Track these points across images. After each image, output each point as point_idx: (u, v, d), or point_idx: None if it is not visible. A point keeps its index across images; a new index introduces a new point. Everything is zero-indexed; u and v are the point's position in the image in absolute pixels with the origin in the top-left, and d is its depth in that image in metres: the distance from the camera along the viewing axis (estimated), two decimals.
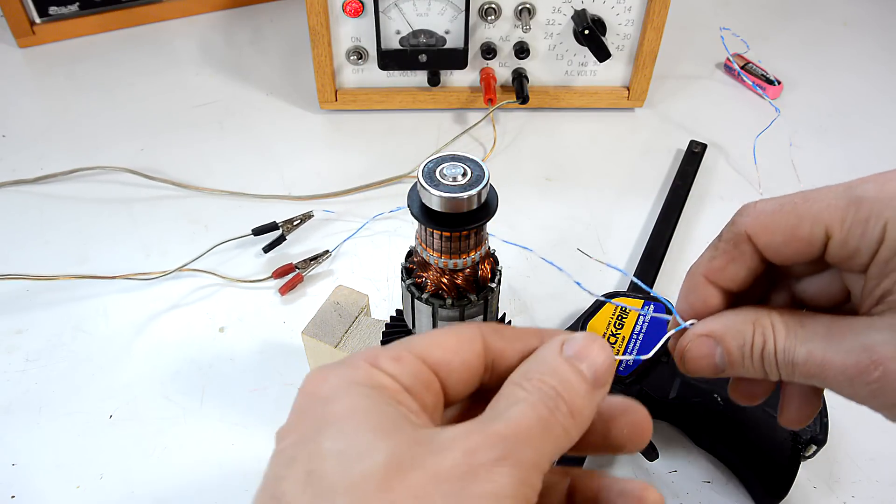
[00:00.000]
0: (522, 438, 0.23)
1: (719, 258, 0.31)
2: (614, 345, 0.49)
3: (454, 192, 0.29)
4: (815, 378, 0.27)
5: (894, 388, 0.25)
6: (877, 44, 0.88)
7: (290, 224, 0.61)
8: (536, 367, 0.26)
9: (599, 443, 0.28)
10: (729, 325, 0.29)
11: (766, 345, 0.28)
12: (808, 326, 0.28)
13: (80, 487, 0.46)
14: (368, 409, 0.23)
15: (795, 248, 0.28)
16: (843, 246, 0.27)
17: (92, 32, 0.86)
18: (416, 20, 0.68)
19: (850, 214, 0.26)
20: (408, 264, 0.35)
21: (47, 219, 0.64)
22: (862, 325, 0.26)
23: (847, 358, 0.26)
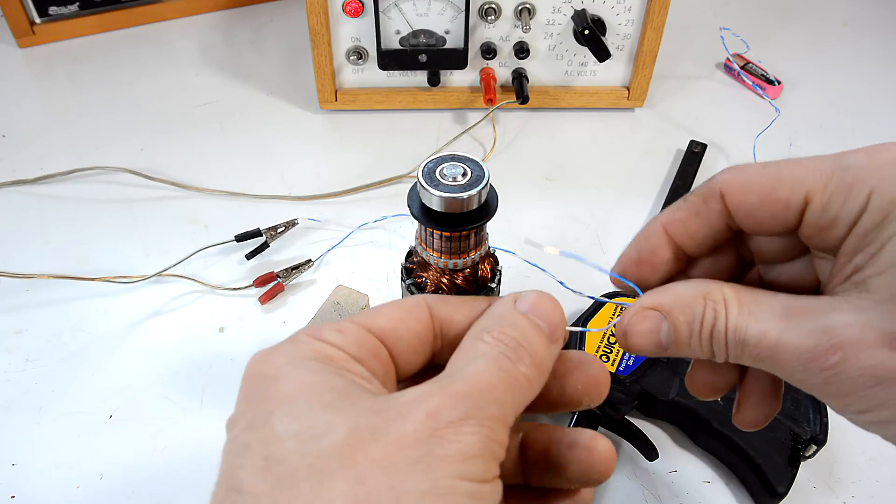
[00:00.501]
0: (486, 394, 0.23)
1: (683, 210, 0.29)
2: (614, 345, 0.49)
3: (454, 192, 0.29)
4: (766, 361, 0.25)
5: (851, 375, 0.23)
6: (877, 44, 0.88)
7: (274, 231, 0.60)
8: (495, 321, 0.25)
9: (556, 399, 0.28)
10: (678, 299, 0.27)
11: (716, 322, 0.26)
12: (765, 304, 0.25)
13: (80, 487, 0.46)
14: (318, 384, 0.23)
15: (771, 212, 0.26)
16: (822, 213, 0.25)
17: (92, 32, 0.86)
18: (416, 20, 0.68)
19: (835, 179, 0.25)
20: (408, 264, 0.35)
21: (47, 219, 0.64)
22: (824, 305, 0.24)
23: (804, 341, 0.24)
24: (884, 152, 0.24)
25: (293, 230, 0.62)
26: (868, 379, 0.23)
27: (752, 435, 0.45)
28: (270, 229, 0.60)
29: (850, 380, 0.23)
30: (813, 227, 0.26)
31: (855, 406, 0.24)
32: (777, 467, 0.44)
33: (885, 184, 0.23)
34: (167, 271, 0.58)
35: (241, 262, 0.60)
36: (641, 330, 0.28)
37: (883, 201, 0.23)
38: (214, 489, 0.22)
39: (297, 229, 0.62)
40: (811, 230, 0.26)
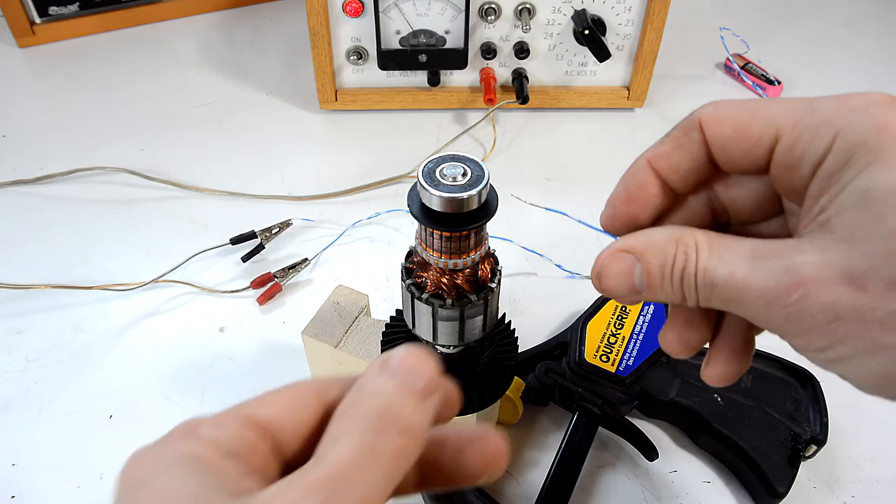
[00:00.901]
0: (346, 477, 0.22)
1: (667, 143, 0.29)
2: (614, 345, 0.49)
3: (454, 192, 0.29)
4: (733, 302, 0.25)
5: (812, 312, 0.23)
6: (877, 44, 0.88)
7: (269, 232, 0.60)
8: (357, 394, 0.24)
9: (452, 474, 0.27)
10: (651, 242, 0.27)
11: (687, 264, 0.26)
12: (733, 248, 0.26)
13: (80, 487, 0.46)
14: (177, 490, 0.22)
15: (743, 147, 0.27)
16: (790, 152, 0.25)
17: (92, 32, 0.86)
18: (416, 20, 0.68)
19: (805, 119, 0.25)
20: (408, 264, 0.35)
21: (47, 219, 0.64)
22: (788, 246, 0.24)
23: (768, 280, 0.24)
24: (855, 99, 0.25)
25: (288, 230, 0.62)
26: (827, 315, 0.23)
27: (752, 435, 0.45)
28: (265, 231, 0.60)
29: (811, 316, 0.23)
30: (781, 167, 0.26)
31: (815, 343, 0.24)
32: (777, 467, 0.44)
33: (851, 126, 0.24)
34: (163, 277, 0.58)
35: (237, 264, 0.60)
36: (615, 271, 0.28)
37: (847, 143, 0.24)
38: None
39: (292, 229, 0.62)
40: (779, 169, 0.26)
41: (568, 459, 0.45)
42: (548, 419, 0.50)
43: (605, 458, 0.48)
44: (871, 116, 0.24)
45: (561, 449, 0.45)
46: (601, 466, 0.48)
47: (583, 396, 0.47)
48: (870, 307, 0.22)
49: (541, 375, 0.48)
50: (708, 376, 0.31)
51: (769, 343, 0.48)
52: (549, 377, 0.48)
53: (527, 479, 0.47)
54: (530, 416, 0.50)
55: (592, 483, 0.47)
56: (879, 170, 0.23)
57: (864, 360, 0.23)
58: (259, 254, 0.60)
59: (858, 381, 0.25)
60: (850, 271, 0.23)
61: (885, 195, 0.22)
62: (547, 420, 0.50)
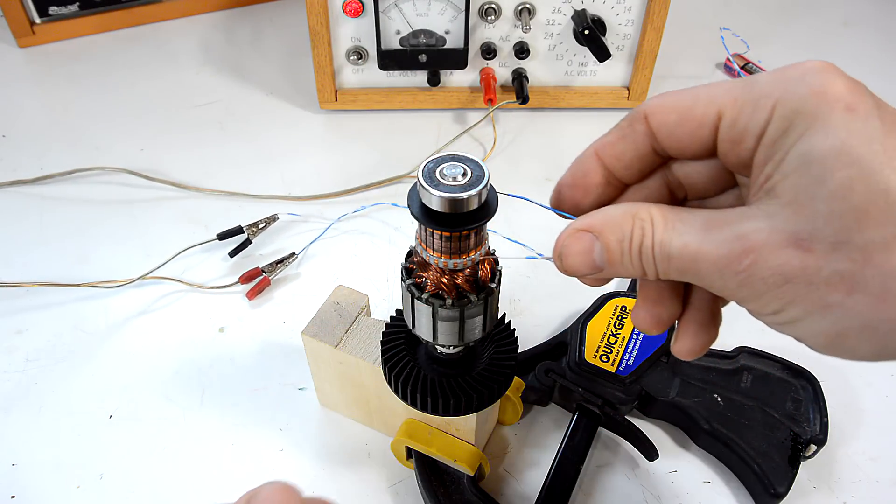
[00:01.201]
0: None
1: (613, 134, 0.30)
2: (614, 345, 0.49)
3: (454, 192, 0.29)
4: (689, 273, 0.26)
5: (762, 276, 0.24)
6: (877, 44, 0.88)
7: (255, 227, 0.61)
8: None
9: None
10: (608, 219, 0.28)
11: (644, 238, 0.27)
12: (687, 220, 0.27)
13: (80, 487, 0.46)
14: None
15: (688, 130, 0.28)
16: (733, 126, 0.26)
17: (92, 32, 0.86)
18: (416, 20, 0.68)
19: (744, 94, 0.26)
20: (408, 264, 0.35)
21: (47, 219, 0.64)
22: (738, 215, 0.25)
23: (720, 248, 0.25)
24: (790, 69, 0.26)
25: (275, 225, 0.62)
26: (777, 278, 0.24)
27: (752, 435, 0.45)
28: (252, 226, 0.61)
29: (762, 280, 0.24)
30: (727, 142, 0.27)
31: (768, 307, 0.25)
32: (777, 467, 0.44)
33: (788, 95, 0.24)
34: (151, 273, 0.58)
35: (224, 260, 0.60)
36: (575, 251, 0.29)
37: (786, 110, 0.24)
38: None
39: (278, 224, 0.63)
40: (726, 145, 0.27)
41: (568, 459, 0.45)
42: (548, 419, 0.50)
43: (605, 458, 0.48)
44: (807, 83, 0.24)
45: (561, 449, 0.45)
46: (601, 466, 0.48)
47: (583, 396, 0.47)
48: (816, 268, 0.23)
49: (541, 375, 0.48)
50: (678, 350, 0.32)
51: (769, 343, 0.48)
52: (549, 377, 0.48)
53: (527, 479, 0.47)
54: (530, 416, 0.50)
55: (592, 483, 0.47)
56: (817, 133, 0.23)
57: (814, 320, 0.24)
58: (246, 249, 0.60)
59: (812, 341, 0.25)
60: (796, 234, 0.23)
61: (823, 157, 0.23)
62: (547, 420, 0.50)
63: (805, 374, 0.48)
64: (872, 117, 0.23)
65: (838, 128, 0.23)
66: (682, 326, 0.32)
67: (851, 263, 0.23)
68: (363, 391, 0.46)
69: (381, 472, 0.47)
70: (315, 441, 0.49)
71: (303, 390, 0.51)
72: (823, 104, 0.24)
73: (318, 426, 0.50)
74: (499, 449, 0.48)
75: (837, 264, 0.23)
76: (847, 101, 0.23)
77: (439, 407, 0.38)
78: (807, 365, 0.49)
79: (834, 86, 0.24)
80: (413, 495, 0.46)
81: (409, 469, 0.47)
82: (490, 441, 0.49)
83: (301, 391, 0.51)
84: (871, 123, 0.23)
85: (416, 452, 0.45)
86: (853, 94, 0.24)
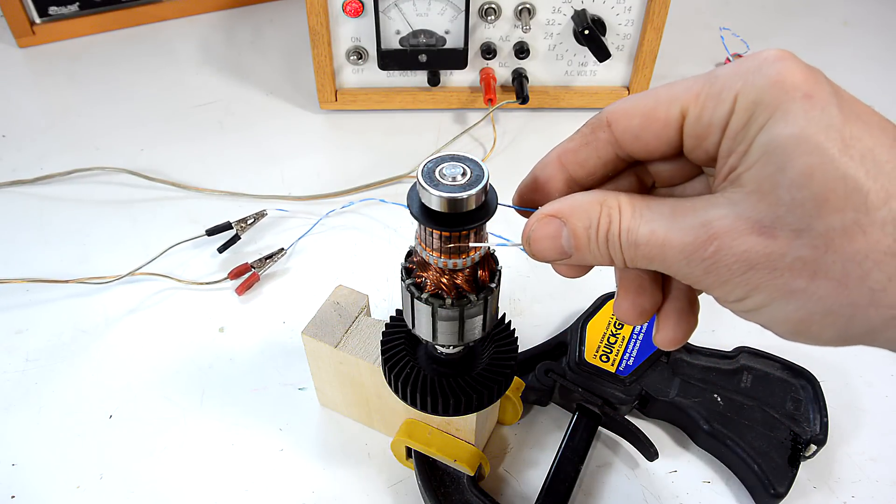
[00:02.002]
0: None
1: (575, 140, 0.31)
2: (614, 345, 0.49)
3: (454, 191, 0.29)
4: (656, 260, 0.26)
5: (727, 262, 0.24)
6: (877, 44, 0.88)
7: (244, 223, 0.61)
8: None
9: None
10: (576, 205, 0.28)
11: (611, 225, 0.27)
12: (654, 208, 0.27)
13: (80, 487, 0.46)
14: None
15: (653, 132, 0.28)
16: (697, 122, 0.26)
17: (92, 32, 0.86)
18: (415, 20, 0.68)
19: (706, 89, 0.26)
20: (408, 264, 0.35)
21: (47, 219, 0.64)
22: (703, 203, 0.26)
23: (686, 235, 0.25)
24: (748, 60, 0.26)
25: (264, 221, 0.63)
26: (742, 265, 0.24)
27: (752, 435, 0.45)
28: (240, 221, 0.61)
29: (727, 267, 0.25)
30: (692, 139, 0.27)
31: (734, 294, 0.25)
32: (777, 467, 0.44)
33: (748, 86, 0.25)
34: (140, 270, 0.58)
35: (213, 256, 0.61)
36: (542, 235, 0.29)
37: (747, 102, 0.25)
38: None
39: (267, 220, 0.63)
40: (692, 142, 0.27)
41: (568, 459, 0.45)
42: (548, 419, 0.50)
43: (605, 458, 0.48)
44: (765, 74, 0.24)
45: (561, 449, 0.45)
46: (601, 466, 0.48)
47: (583, 396, 0.47)
48: (779, 254, 0.24)
49: (541, 375, 0.48)
50: (661, 341, 0.32)
51: (769, 343, 0.48)
52: (549, 377, 0.48)
53: (527, 479, 0.47)
54: (530, 416, 0.50)
55: (592, 483, 0.47)
56: (778, 122, 0.24)
57: (779, 306, 0.25)
58: (235, 245, 0.61)
59: (777, 328, 0.26)
60: (760, 221, 0.24)
61: (784, 146, 0.23)
62: (547, 420, 0.50)
63: (805, 374, 0.48)
64: (830, 105, 0.24)
65: (797, 116, 0.23)
66: (662, 316, 0.32)
67: (813, 250, 0.23)
68: (363, 391, 0.46)
69: (381, 472, 0.47)
70: (315, 441, 0.49)
71: (303, 390, 0.51)
72: (782, 94, 0.24)
73: (318, 426, 0.50)
74: (499, 449, 0.48)
75: (800, 250, 0.23)
76: (805, 89, 0.24)
77: (439, 407, 0.38)
78: (807, 365, 0.49)
79: (792, 75, 0.24)
80: (413, 495, 0.46)
81: (409, 469, 0.47)
82: (490, 441, 0.49)
83: (301, 391, 0.51)
84: (828, 111, 0.23)
85: (416, 452, 0.45)
86: (811, 82, 0.24)
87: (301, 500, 0.46)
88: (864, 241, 0.22)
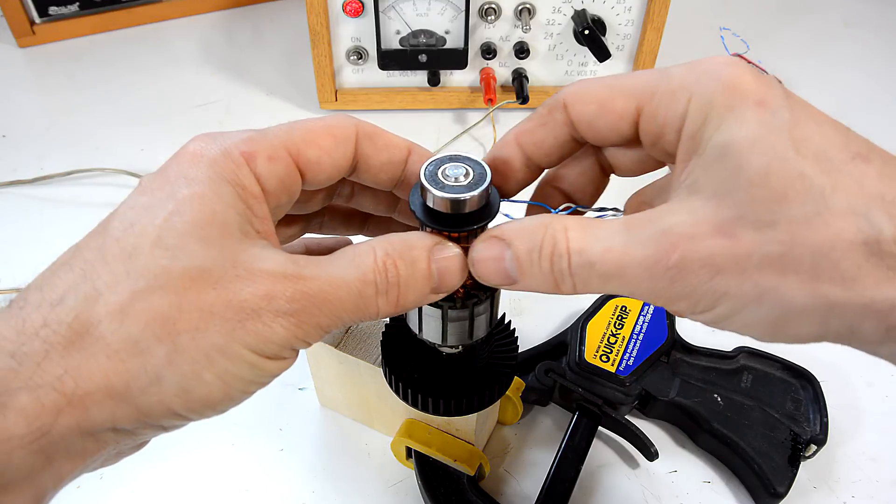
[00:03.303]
0: (326, 306, 0.25)
1: (532, 121, 0.31)
2: (614, 345, 0.49)
3: (457, 192, 0.29)
4: (614, 278, 0.25)
5: (693, 269, 0.24)
6: (877, 43, 0.88)
7: None
8: (398, 248, 0.28)
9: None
10: (521, 228, 0.28)
11: (556, 245, 0.26)
12: (606, 226, 0.26)
13: (80, 487, 0.46)
14: (212, 212, 0.25)
15: (608, 122, 0.28)
16: (652, 121, 0.27)
17: (92, 32, 0.86)
18: (415, 20, 0.68)
19: (661, 89, 0.26)
20: None
21: (47, 219, 0.64)
22: (660, 212, 0.25)
23: (646, 247, 0.24)
24: (705, 62, 0.26)
25: None
26: (708, 270, 0.23)
27: (752, 435, 0.46)
28: None
29: (693, 274, 0.24)
30: (648, 136, 0.27)
31: (702, 303, 0.24)
32: (777, 467, 0.44)
33: (702, 88, 0.25)
34: None
35: None
36: (484, 257, 0.29)
37: (700, 104, 0.25)
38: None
39: None
40: (648, 138, 0.27)
41: (568, 459, 0.45)
42: (548, 419, 0.50)
43: (605, 458, 0.48)
44: (719, 77, 0.25)
45: (561, 449, 0.45)
46: (601, 466, 0.48)
47: (583, 396, 0.47)
48: (746, 254, 0.23)
49: (541, 375, 0.48)
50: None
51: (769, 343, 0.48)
52: (549, 377, 0.48)
53: (527, 479, 0.47)
54: (530, 416, 0.50)
55: (592, 483, 0.47)
56: (731, 125, 0.24)
57: (751, 310, 0.24)
58: None
59: (754, 332, 0.25)
60: (721, 224, 0.23)
61: (739, 148, 0.23)
62: (547, 420, 0.50)
63: (805, 374, 0.48)
64: (782, 108, 0.24)
65: (750, 120, 0.23)
66: None
67: (780, 245, 0.23)
68: (363, 391, 0.46)
69: (381, 472, 0.47)
70: (315, 441, 0.49)
71: (303, 390, 0.51)
72: (735, 98, 0.24)
73: (318, 426, 0.50)
74: (499, 449, 0.48)
75: (766, 247, 0.23)
76: (757, 96, 0.24)
77: (439, 407, 0.38)
78: (807, 365, 0.49)
79: (744, 81, 0.24)
80: (413, 495, 0.46)
81: (409, 469, 0.47)
82: (490, 441, 0.49)
83: (301, 391, 0.51)
84: (780, 114, 0.24)
85: (416, 452, 0.45)
86: (763, 88, 0.24)
87: (301, 500, 0.46)
88: (828, 231, 0.22)
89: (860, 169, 0.23)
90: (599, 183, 0.33)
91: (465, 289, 0.34)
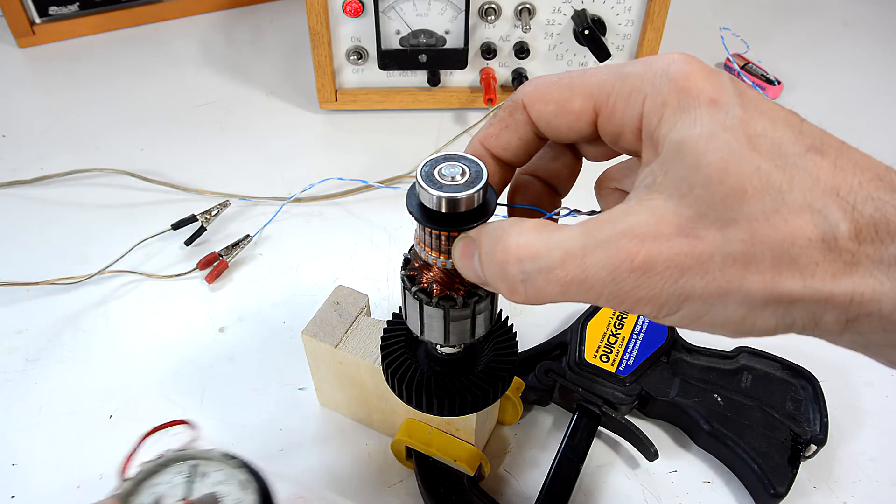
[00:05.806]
0: None
1: (494, 125, 0.31)
2: (614, 345, 0.49)
3: (453, 191, 0.29)
4: (574, 284, 0.24)
5: (658, 270, 0.23)
6: (877, 44, 0.88)
7: (209, 214, 0.62)
8: None
9: None
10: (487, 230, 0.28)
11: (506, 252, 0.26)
12: (564, 230, 0.25)
13: (80, 487, 0.46)
14: None
15: (566, 122, 0.28)
16: (610, 120, 0.27)
17: (92, 32, 0.86)
18: (415, 20, 0.68)
19: (616, 89, 0.26)
20: (408, 272, 0.35)
21: (47, 219, 0.64)
22: (619, 213, 0.24)
23: (607, 250, 0.24)
24: (658, 61, 0.26)
25: (227, 211, 0.64)
26: (673, 271, 0.23)
27: (752, 435, 0.45)
28: (205, 213, 0.62)
29: (658, 275, 0.23)
30: (608, 135, 0.27)
31: (668, 306, 0.24)
32: (777, 467, 0.44)
33: (655, 89, 0.25)
34: (109, 268, 0.59)
35: (181, 248, 0.62)
36: (460, 254, 0.29)
37: (654, 105, 0.25)
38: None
39: (231, 210, 0.64)
40: (608, 137, 0.28)
41: (568, 459, 0.45)
42: (548, 419, 0.50)
43: (605, 458, 0.48)
44: (671, 78, 0.25)
45: (561, 449, 0.45)
46: (601, 466, 0.48)
47: (583, 396, 0.47)
48: (708, 254, 0.23)
49: (541, 375, 0.48)
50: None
51: (769, 343, 0.48)
52: (549, 377, 0.48)
53: (527, 479, 0.47)
54: (530, 416, 0.50)
55: (592, 483, 0.47)
56: (685, 124, 0.24)
57: (717, 310, 0.24)
58: (201, 236, 0.61)
59: (721, 330, 0.25)
60: (683, 223, 0.23)
61: (695, 146, 0.23)
62: (547, 420, 0.50)
63: (805, 374, 0.48)
64: (734, 105, 0.24)
65: (704, 120, 0.24)
66: None
67: (741, 244, 0.23)
68: (363, 391, 0.46)
69: (380, 472, 0.47)
70: (315, 441, 0.49)
71: (303, 390, 0.51)
72: (688, 98, 0.24)
73: (318, 426, 0.50)
74: (499, 449, 0.48)
75: (728, 247, 0.23)
76: (709, 94, 0.24)
77: (440, 407, 0.38)
78: (807, 365, 0.49)
79: (696, 80, 0.24)
80: (413, 495, 0.46)
81: (409, 469, 0.47)
82: (490, 441, 0.49)
83: (301, 391, 0.51)
84: (733, 112, 0.24)
85: (416, 452, 0.45)
86: (715, 85, 0.24)
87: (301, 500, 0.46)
88: (787, 228, 0.22)
89: (815, 162, 0.23)
90: (574, 167, 0.33)
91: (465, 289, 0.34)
